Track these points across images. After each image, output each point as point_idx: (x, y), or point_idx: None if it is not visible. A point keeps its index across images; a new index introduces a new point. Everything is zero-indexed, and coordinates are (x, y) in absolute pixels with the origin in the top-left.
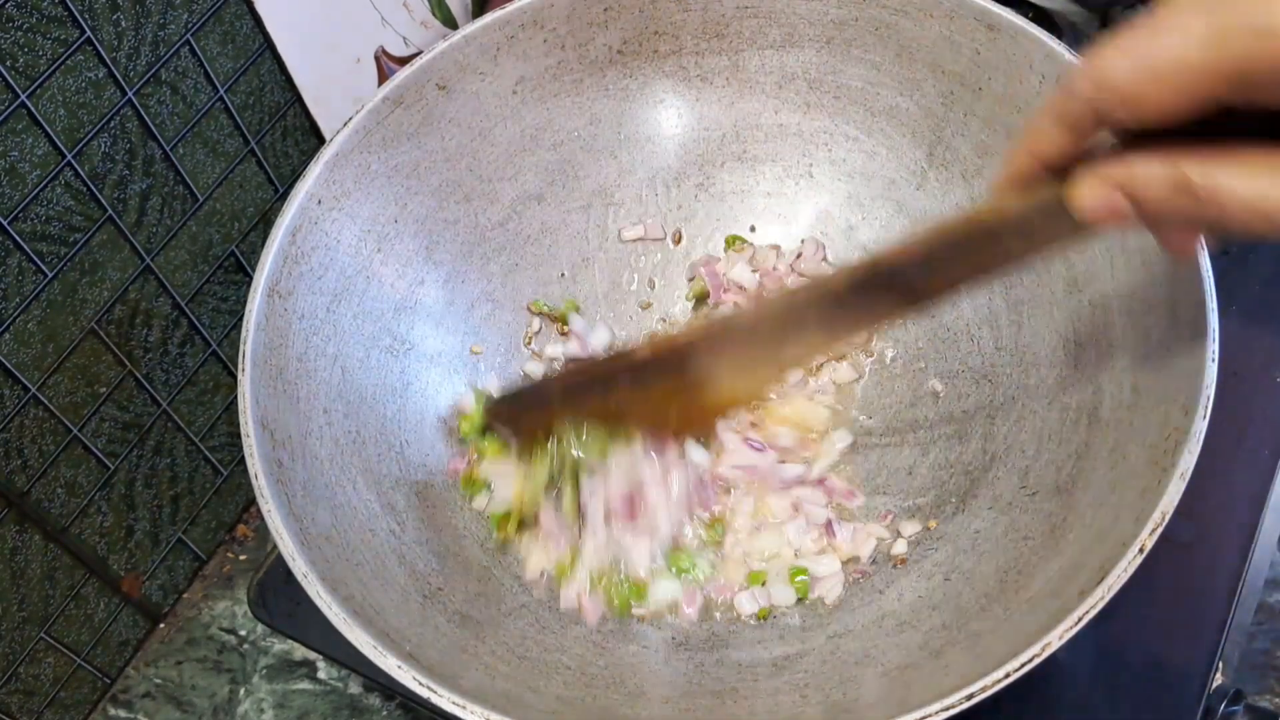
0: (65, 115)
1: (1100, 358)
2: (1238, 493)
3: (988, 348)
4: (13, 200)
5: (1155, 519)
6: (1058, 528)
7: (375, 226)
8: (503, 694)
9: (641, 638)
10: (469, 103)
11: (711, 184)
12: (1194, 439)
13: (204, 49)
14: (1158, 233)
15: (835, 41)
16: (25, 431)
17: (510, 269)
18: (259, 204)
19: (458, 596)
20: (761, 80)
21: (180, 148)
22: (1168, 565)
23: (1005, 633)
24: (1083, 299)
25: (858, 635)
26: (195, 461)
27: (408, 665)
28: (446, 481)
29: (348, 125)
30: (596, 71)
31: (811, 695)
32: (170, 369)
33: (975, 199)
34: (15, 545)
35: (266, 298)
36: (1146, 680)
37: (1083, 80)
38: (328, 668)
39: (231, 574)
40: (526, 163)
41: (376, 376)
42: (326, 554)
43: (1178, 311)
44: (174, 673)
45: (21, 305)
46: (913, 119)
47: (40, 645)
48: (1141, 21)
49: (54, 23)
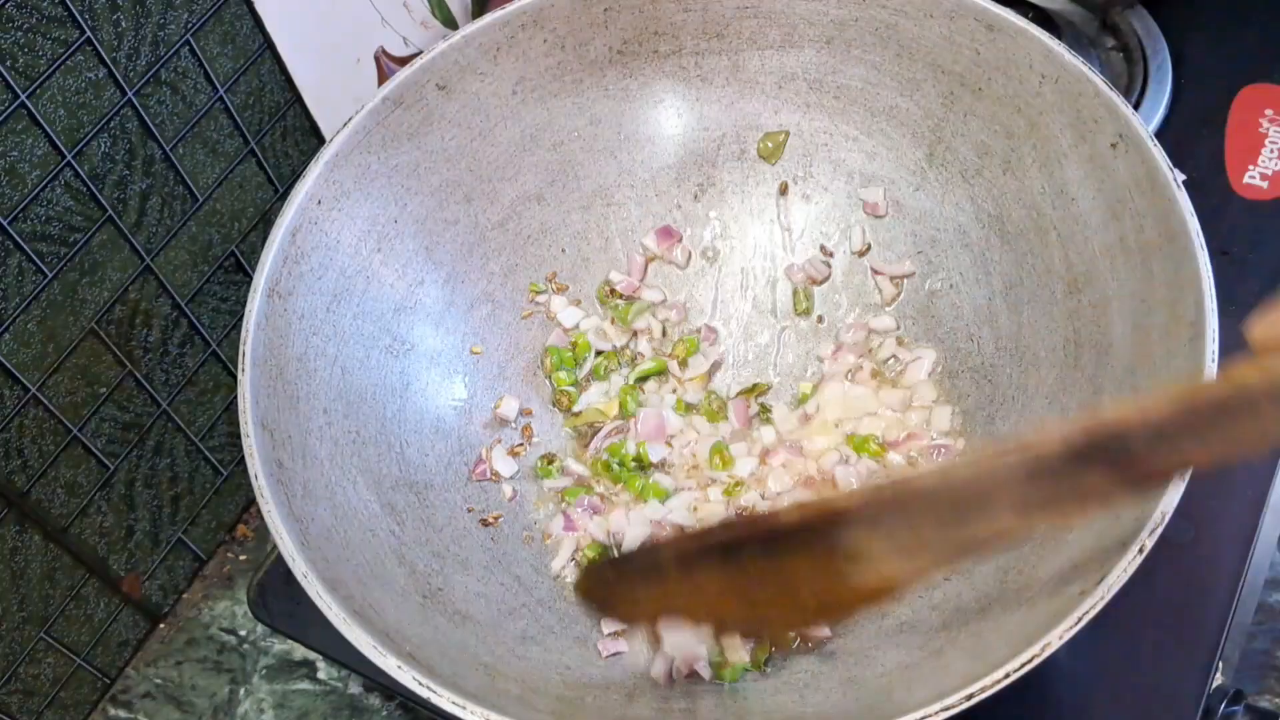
0: (65, 115)
1: (1100, 358)
2: (1238, 493)
3: (988, 348)
4: (13, 200)
5: (1155, 519)
6: (1058, 528)
7: (375, 226)
8: (503, 694)
9: (640, 639)
10: (469, 103)
11: (711, 184)
12: None
13: (204, 49)
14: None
15: (835, 41)
16: (25, 431)
17: (510, 269)
18: (259, 204)
19: (458, 596)
20: (761, 80)
21: (180, 148)
22: (1168, 565)
23: (1005, 633)
24: (1083, 299)
25: (857, 635)
26: (195, 461)
27: (408, 665)
28: (446, 481)
29: (348, 125)
30: (596, 71)
31: (810, 696)
32: (170, 369)
33: (975, 199)
34: (15, 545)
35: (266, 298)
36: (1146, 680)
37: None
38: (328, 668)
39: (231, 574)
40: (526, 163)
41: (376, 376)
42: (326, 554)
43: (1178, 311)
44: (174, 673)
45: (21, 305)
46: (913, 119)
47: (40, 645)
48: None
49: (54, 23)
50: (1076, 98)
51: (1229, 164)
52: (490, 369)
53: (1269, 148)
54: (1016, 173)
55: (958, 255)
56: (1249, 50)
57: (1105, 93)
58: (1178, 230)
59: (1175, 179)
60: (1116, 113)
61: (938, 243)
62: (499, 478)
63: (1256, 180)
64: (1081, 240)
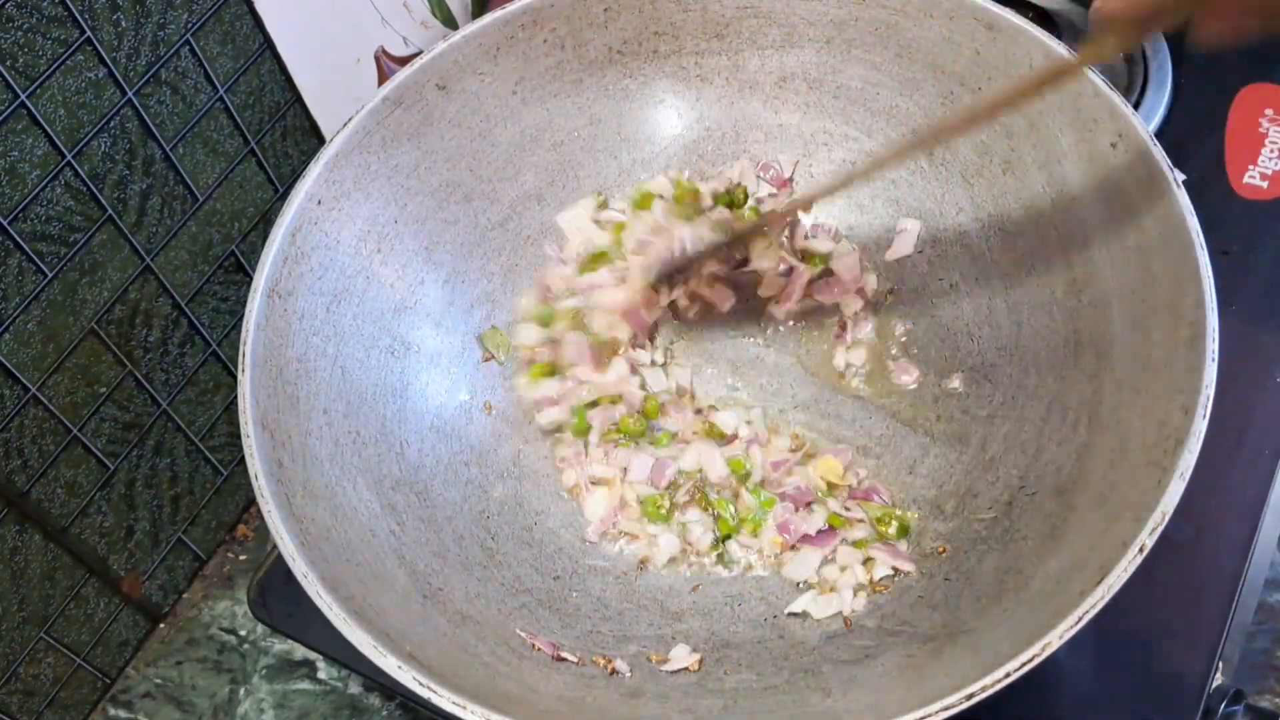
0: (65, 115)
1: (1100, 358)
2: (1238, 493)
3: (988, 348)
4: (13, 200)
5: (1155, 519)
6: (1058, 528)
7: (375, 227)
8: (503, 694)
9: (641, 639)
10: (469, 103)
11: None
12: (1194, 439)
13: (204, 49)
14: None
15: (835, 41)
16: (25, 431)
17: (510, 269)
18: (259, 204)
19: (458, 596)
20: (761, 80)
21: (180, 148)
22: (1168, 565)
23: (1005, 633)
24: (1083, 299)
25: (857, 635)
26: (195, 461)
27: (408, 665)
28: (446, 481)
29: (348, 125)
30: (596, 71)
31: (810, 696)
32: (170, 369)
33: (975, 199)
34: (15, 545)
35: (266, 298)
36: (1146, 680)
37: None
38: (328, 668)
39: (231, 574)
40: (526, 163)
41: (376, 377)
42: (326, 554)
43: (1178, 311)
44: (174, 673)
45: (21, 305)
46: (913, 119)
47: (40, 645)
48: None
49: (54, 23)
50: (1076, 98)
51: (1229, 164)
52: (491, 368)
53: (1269, 148)
54: (1016, 173)
55: (958, 255)
56: (1249, 50)
57: (1105, 93)
58: (1178, 230)
59: (1175, 179)
60: (1116, 113)
61: (938, 243)
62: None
63: (1256, 180)
64: (1081, 240)
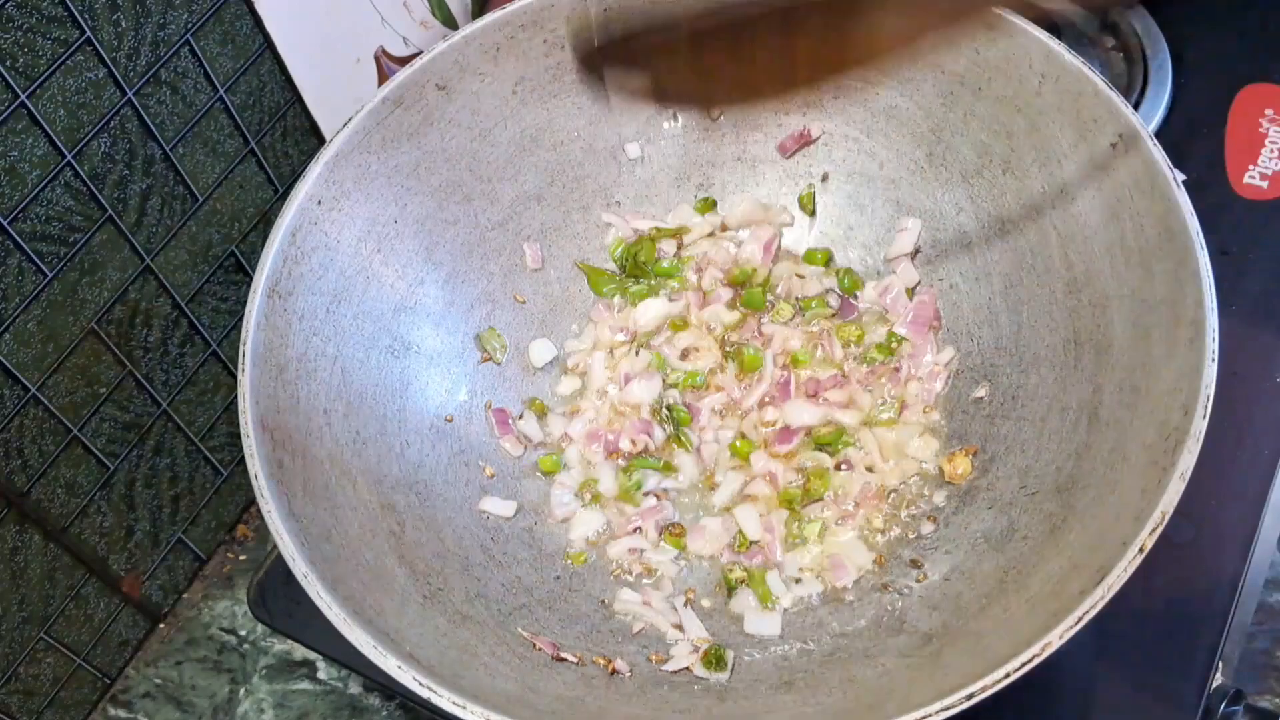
0: (65, 115)
1: (1100, 358)
2: (1238, 493)
3: (988, 348)
4: (13, 200)
5: (1155, 519)
6: (1058, 528)
7: (375, 227)
8: (503, 694)
9: (641, 639)
10: (469, 103)
11: (711, 184)
12: (1194, 439)
13: (204, 49)
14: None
15: None
16: (25, 431)
17: (510, 269)
18: (259, 204)
19: (458, 596)
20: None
21: (180, 148)
22: (1168, 565)
23: (1005, 633)
24: (1083, 299)
25: (858, 635)
26: (195, 461)
27: (408, 665)
28: (446, 481)
29: (348, 125)
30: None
31: (811, 696)
32: (170, 369)
33: (975, 199)
34: (15, 545)
35: (266, 298)
36: (1146, 680)
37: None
38: (328, 668)
39: (231, 574)
40: (526, 163)
41: (376, 377)
42: (326, 554)
43: (1178, 311)
44: (174, 673)
45: (21, 305)
46: (913, 119)
47: (40, 645)
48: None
49: (54, 23)
50: (1076, 98)
51: (1229, 164)
52: (490, 368)
53: (1269, 148)
54: (1016, 173)
55: (958, 255)
56: (1249, 50)
57: (1105, 93)
58: (1178, 230)
59: (1175, 179)
60: (1116, 113)
61: (938, 242)
62: (526, 442)
63: (1256, 180)
64: (1081, 240)
